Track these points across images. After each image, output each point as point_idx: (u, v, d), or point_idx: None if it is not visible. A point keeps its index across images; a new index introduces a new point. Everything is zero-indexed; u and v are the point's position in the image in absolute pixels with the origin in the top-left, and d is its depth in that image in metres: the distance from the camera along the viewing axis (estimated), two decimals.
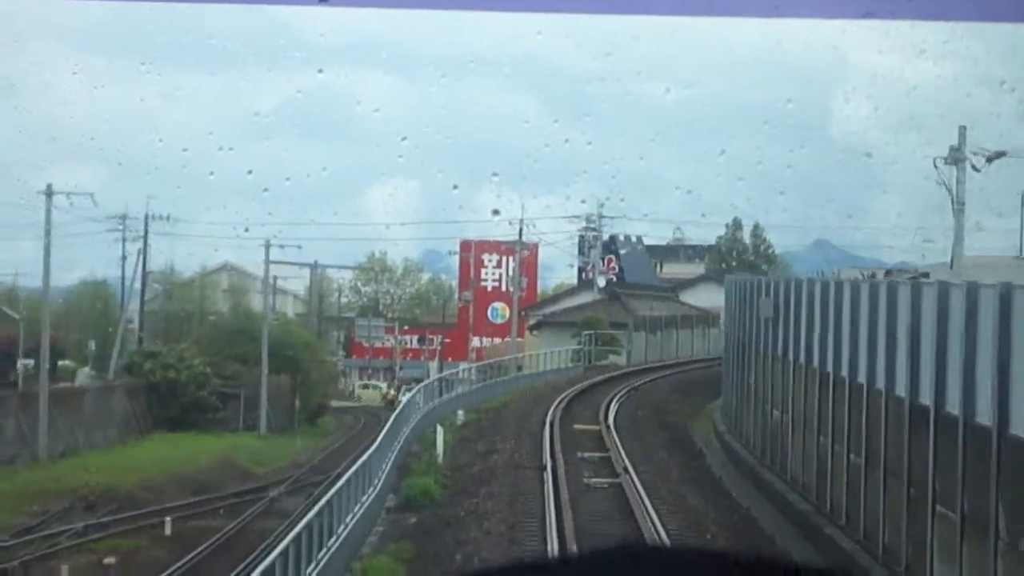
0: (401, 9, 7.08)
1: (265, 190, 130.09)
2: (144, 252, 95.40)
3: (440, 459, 40.94)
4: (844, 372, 32.22)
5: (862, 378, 30.70)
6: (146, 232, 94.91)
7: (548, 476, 35.75)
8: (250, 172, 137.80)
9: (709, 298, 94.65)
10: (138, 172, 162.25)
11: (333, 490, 31.49)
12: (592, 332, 76.92)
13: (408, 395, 62.43)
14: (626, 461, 37.72)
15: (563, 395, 55.04)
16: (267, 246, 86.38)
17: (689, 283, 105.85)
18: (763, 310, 40.62)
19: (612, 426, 45.78)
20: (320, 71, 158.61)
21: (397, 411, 46.23)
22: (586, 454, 39.80)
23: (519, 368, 73.99)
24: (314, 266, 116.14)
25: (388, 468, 38.61)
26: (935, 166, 57.45)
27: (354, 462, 37.52)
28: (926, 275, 47.43)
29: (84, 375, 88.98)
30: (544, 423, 46.18)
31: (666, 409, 53.99)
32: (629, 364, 74.25)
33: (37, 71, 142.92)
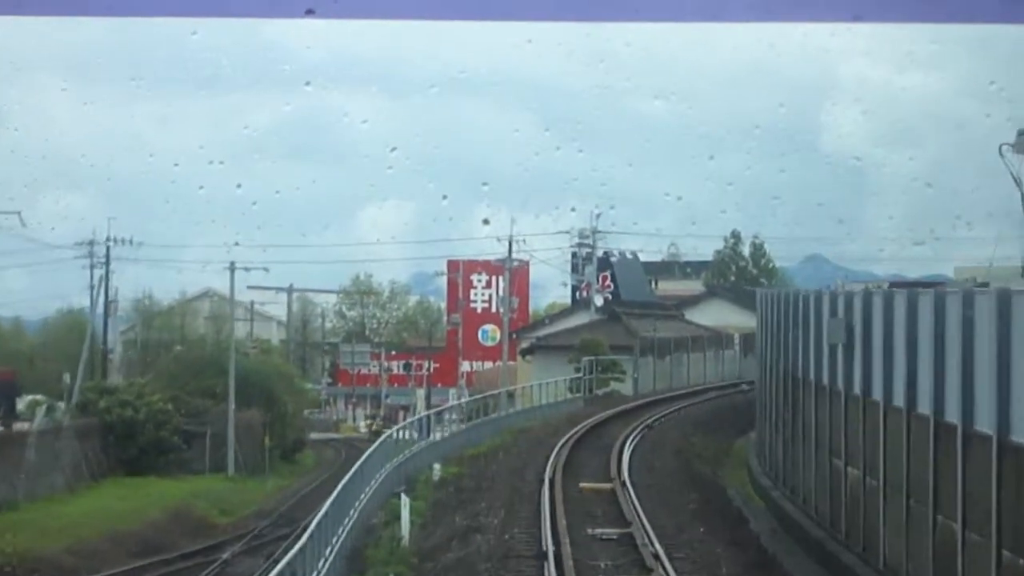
0: (388, 20, 5.98)
1: (254, 203, 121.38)
2: (107, 278, 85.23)
3: (405, 540, 29.24)
4: (985, 426, 20.69)
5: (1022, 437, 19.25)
6: (108, 257, 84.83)
7: (550, 570, 24.21)
8: (239, 186, 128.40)
9: (716, 316, 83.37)
10: (126, 192, 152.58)
11: None
12: (593, 357, 64.67)
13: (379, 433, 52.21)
14: (656, 544, 26.09)
15: (564, 438, 43.36)
16: (232, 269, 75.27)
17: (693, 300, 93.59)
18: (830, 334, 29.01)
19: (628, 483, 34.11)
20: (307, 83, 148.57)
21: (358, 464, 35.01)
22: (600, 530, 28.09)
23: (510, 395, 62.65)
24: (289, 290, 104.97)
25: (333, 556, 27.06)
26: (1000, 153, 46.20)
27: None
28: (986, 285, 35.40)
29: (41, 414, 77.38)
30: (542, 480, 34.59)
31: (689, 453, 42.41)
32: (636, 394, 62.31)
33: (27, 88, 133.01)
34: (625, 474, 35.44)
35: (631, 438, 43.53)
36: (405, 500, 29.69)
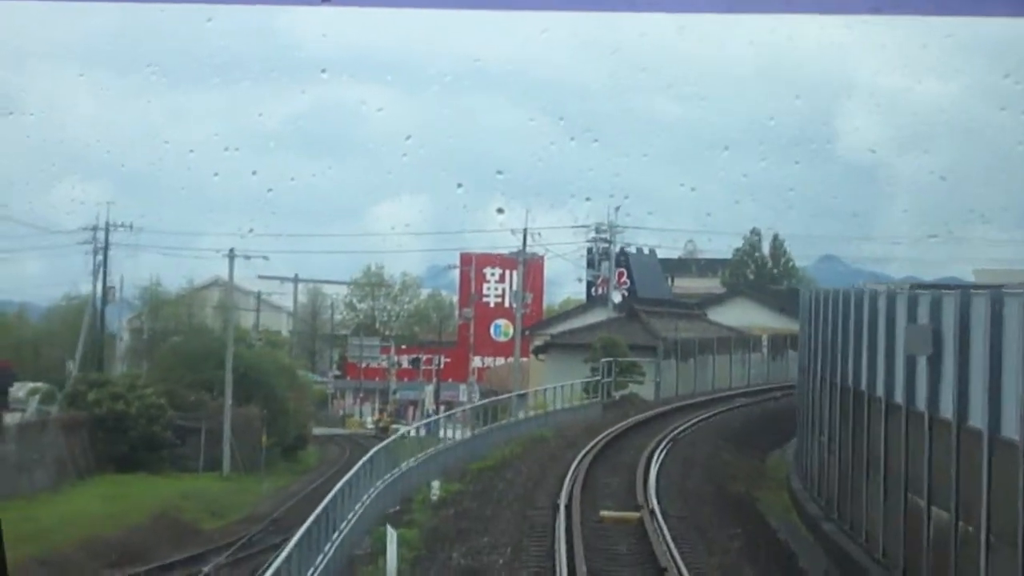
0: (403, 9, 6.05)
1: (269, 190, 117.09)
2: (104, 264, 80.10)
3: None
4: None
5: None
6: (107, 243, 79.67)
7: None
8: (254, 173, 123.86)
9: (740, 316, 77.44)
10: (141, 179, 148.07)
11: None
12: (611, 359, 58.36)
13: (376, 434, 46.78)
14: None
15: (581, 451, 37.52)
16: (231, 256, 69.64)
17: (716, 299, 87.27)
18: (910, 343, 23.21)
19: (658, 511, 28.30)
20: (323, 71, 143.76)
21: (343, 481, 29.50)
22: None
23: (521, 398, 56.82)
24: (295, 280, 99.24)
25: None
26: None
27: None
28: None
29: (34, 403, 72.23)
30: (556, 506, 28.85)
31: (722, 472, 36.62)
32: (659, 399, 56.28)
33: (44, 76, 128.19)
34: (653, 500, 29.65)
35: (657, 452, 37.66)
36: (392, 533, 23.90)
